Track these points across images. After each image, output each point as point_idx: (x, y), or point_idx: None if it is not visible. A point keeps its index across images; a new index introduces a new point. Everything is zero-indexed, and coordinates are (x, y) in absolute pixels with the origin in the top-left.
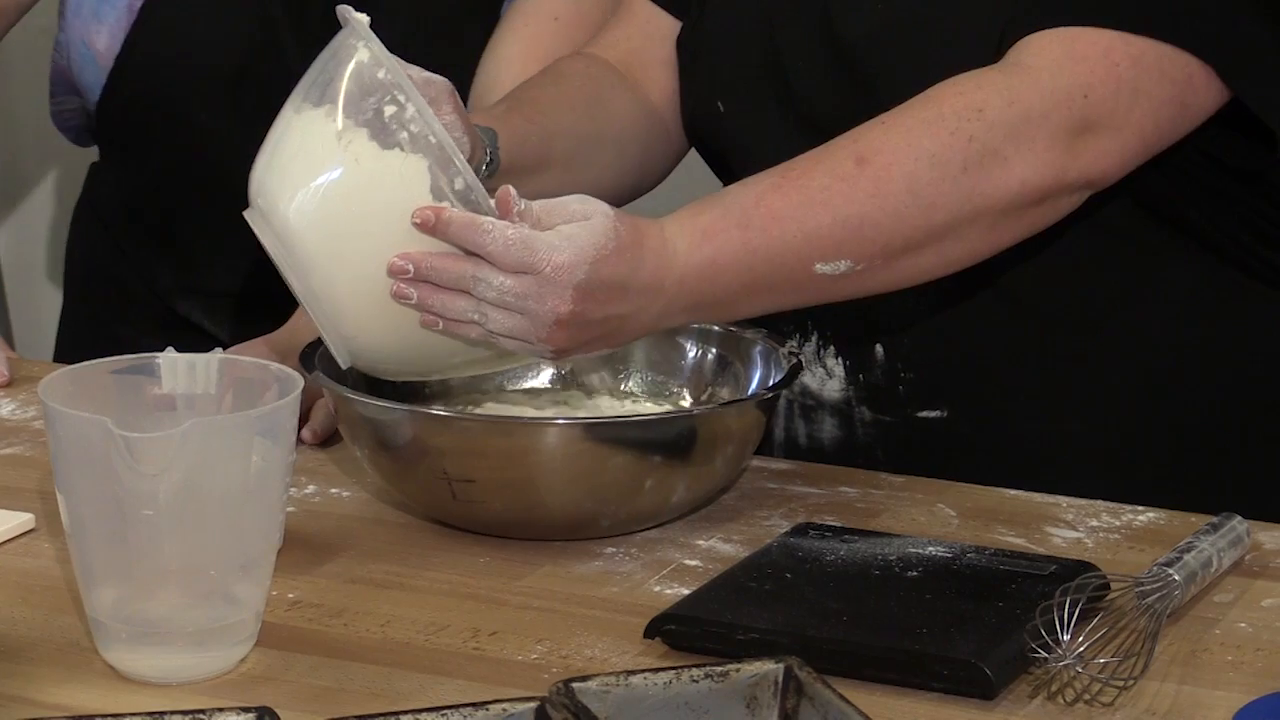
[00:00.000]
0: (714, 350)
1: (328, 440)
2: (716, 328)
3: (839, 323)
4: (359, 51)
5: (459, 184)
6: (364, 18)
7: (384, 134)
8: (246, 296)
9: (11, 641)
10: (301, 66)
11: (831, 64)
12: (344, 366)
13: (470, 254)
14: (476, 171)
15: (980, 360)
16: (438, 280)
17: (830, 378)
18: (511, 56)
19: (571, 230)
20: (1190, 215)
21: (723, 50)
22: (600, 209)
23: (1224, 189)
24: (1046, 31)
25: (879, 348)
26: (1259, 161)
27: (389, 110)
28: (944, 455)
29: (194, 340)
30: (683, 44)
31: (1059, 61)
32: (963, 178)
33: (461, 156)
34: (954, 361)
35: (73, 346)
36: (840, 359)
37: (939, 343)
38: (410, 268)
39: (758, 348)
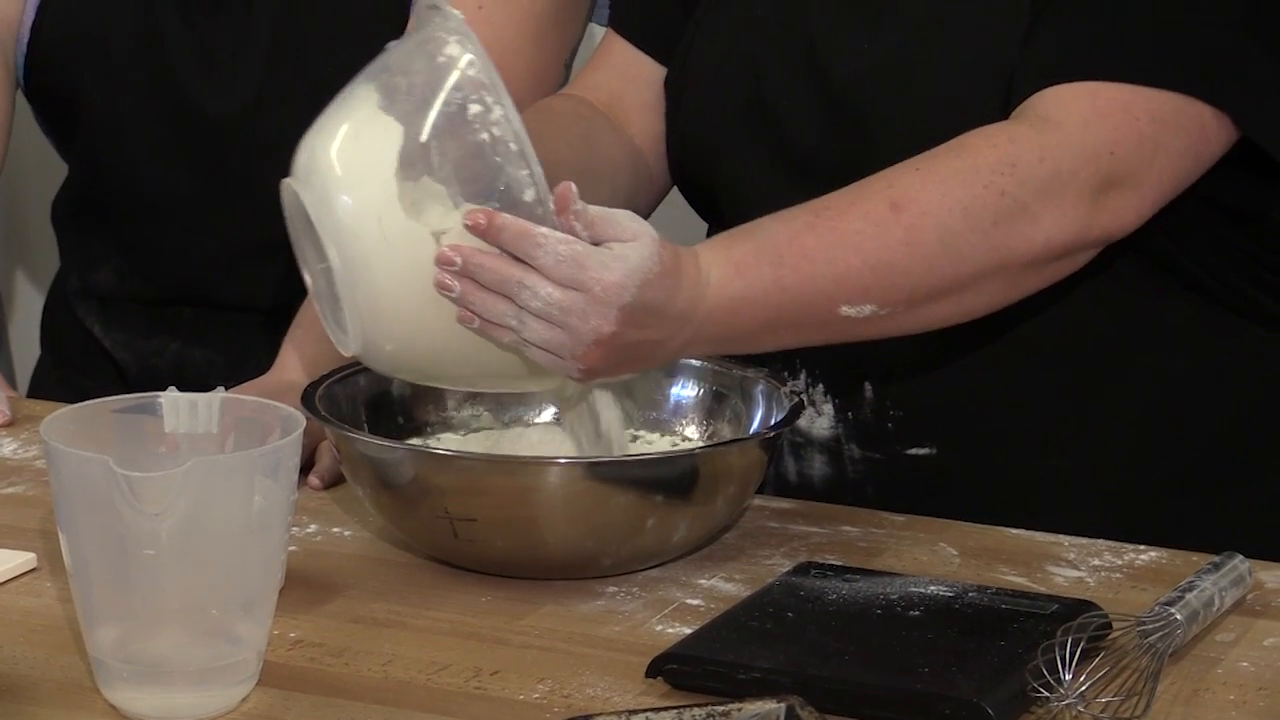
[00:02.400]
0: (715, 389)
1: (331, 482)
2: (717, 366)
3: (827, 360)
4: (449, 46)
5: (529, 195)
6: (458, 14)
7: (464, 129)
8: (148, 304)
9: (13, 681)
10: (188, 50)
11: (820, 104)
12: (346, 352)
13: (520, 259)
14: None
15: (969, 398)
16: (483, 279)
17: (819, 415)
18: None
19: (623, 250)
20: (1181, 257)
21: (709, 91)
22: (649, 231)
23: (1216, 231)
24: (1066, 86)
25: (867, 385)
26: (1262, 200)
27: (474, 109)
28: (935, 492)
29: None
30: (668, 85)
31: (1085, 118)
32: (993, 231)
33: (538, 165)
34: (943, 399)
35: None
36: (829, 396)
37: (927, 380)
38: (459, 261)
39: (759, 386)
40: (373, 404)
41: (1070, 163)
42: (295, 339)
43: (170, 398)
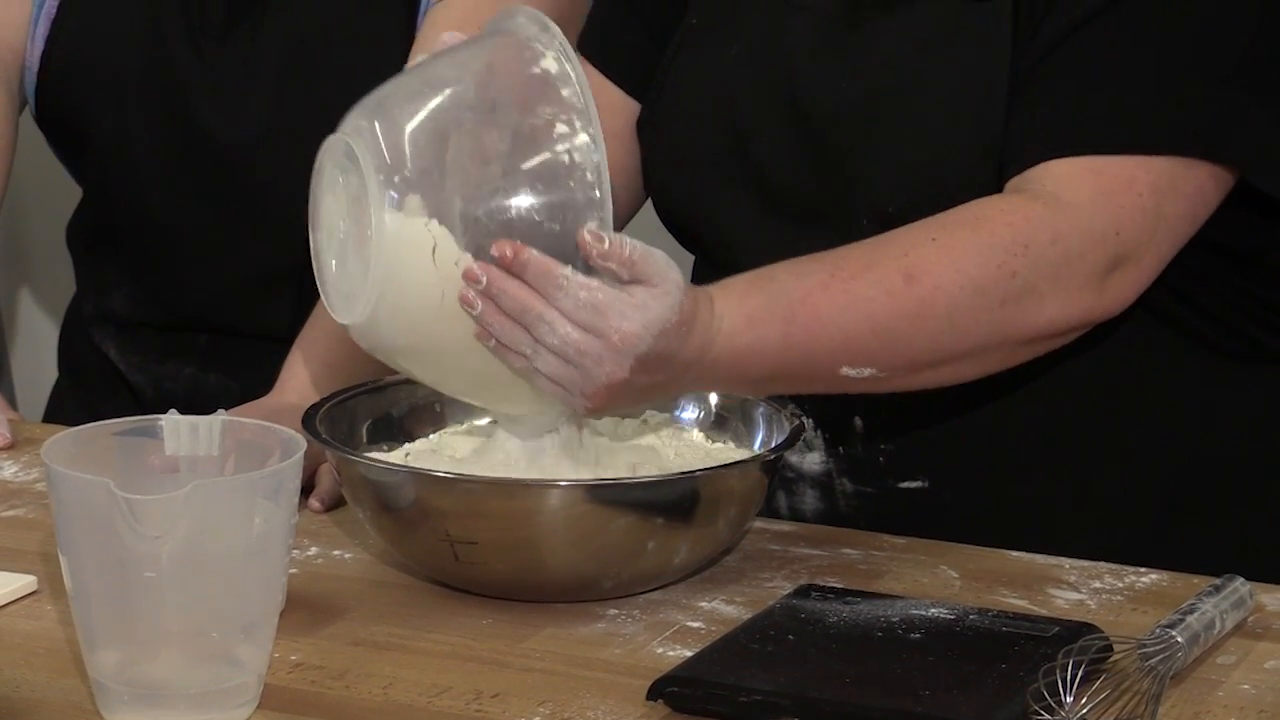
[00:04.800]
0: (715, 412)
1: (331, 505)
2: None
3: (817, 396)
4: (547, 60)
5: (591, 228)
6: (554, 26)
7: (545, 146)
8: (162, 329)
9: (14, 704)
10: (198, 79)
11: (798, 141)
12: (341, 319)
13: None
14: None
15: (960, 431)
16: (503, 305)
17: (810, 450)
18: None
19: (644, 299)
20: (1173, 297)
21: (686, 129)
22: (677, 279)
23: (1212, 271)
24: (1070, 160)
25: (858, 420)
26: (1261, 241)
27: (560, 129)
28: (927, 526)
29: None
30: (643, 124)
31: (1093, 198)
32: (999, 310)
33: (610, 202)
34: (934, 433)
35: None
36: (819, 431)
37: (918, 414)
38: (484, 281)
39: (760, 409)
40: (373, 427)
41: (1079, 246)
42: (295, 362)
43: (171, 420)
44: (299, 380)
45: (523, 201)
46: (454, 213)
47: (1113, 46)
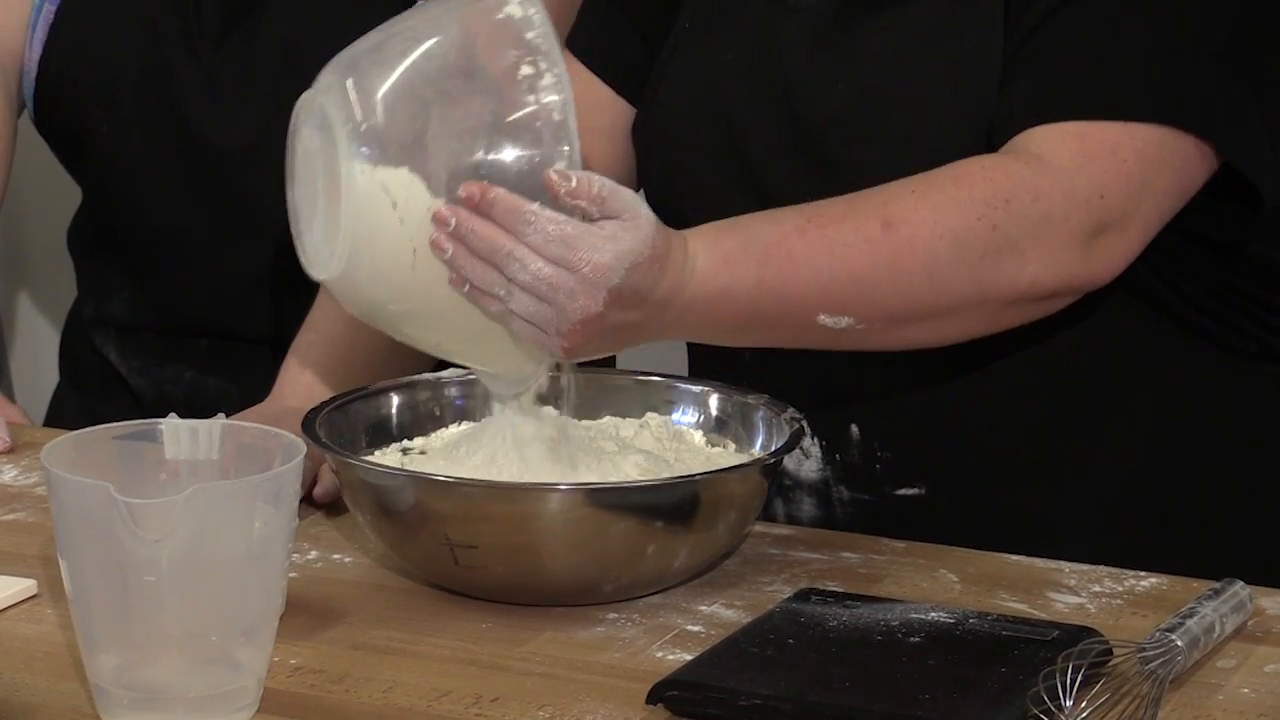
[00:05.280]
0: (715, 416)
1: (330, 507)
2: (719, 393)
3: (814, 402)
4: (511, 6)
5: (559, 167)
6: None
7: (512, 89)
8: (162, 332)
9: (14, 708)
10: (194, 84)
11: (794, 145)
12: (318, 275)
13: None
14: None
15: (957, 437)
16: (473, 246)
17: (807, 458)
18: None
19: (615, 231)
20: (1164, 290)
21: (680, 131)
22: (648, 214)
23: (1198, 263)
24: (1055, 125)
25: (854, 427)
26: (1241, 232)
27: (524, 70)
28: (925, 532)
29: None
30: (639, 128)
31: (1077, 160)
32: (979, 264)
33: (577, 141)
34: (930, 439)
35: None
36: (816, 439)
37: (914, 421)
38: (452, 222)
39: (759, 413)
40: (372, 430)
41: (1062, 206)
42: (292, 367)
43: (171, 425)
44: (297, 384)
45: (491, 144)
46: (423, 162)
47: (1101, 21)
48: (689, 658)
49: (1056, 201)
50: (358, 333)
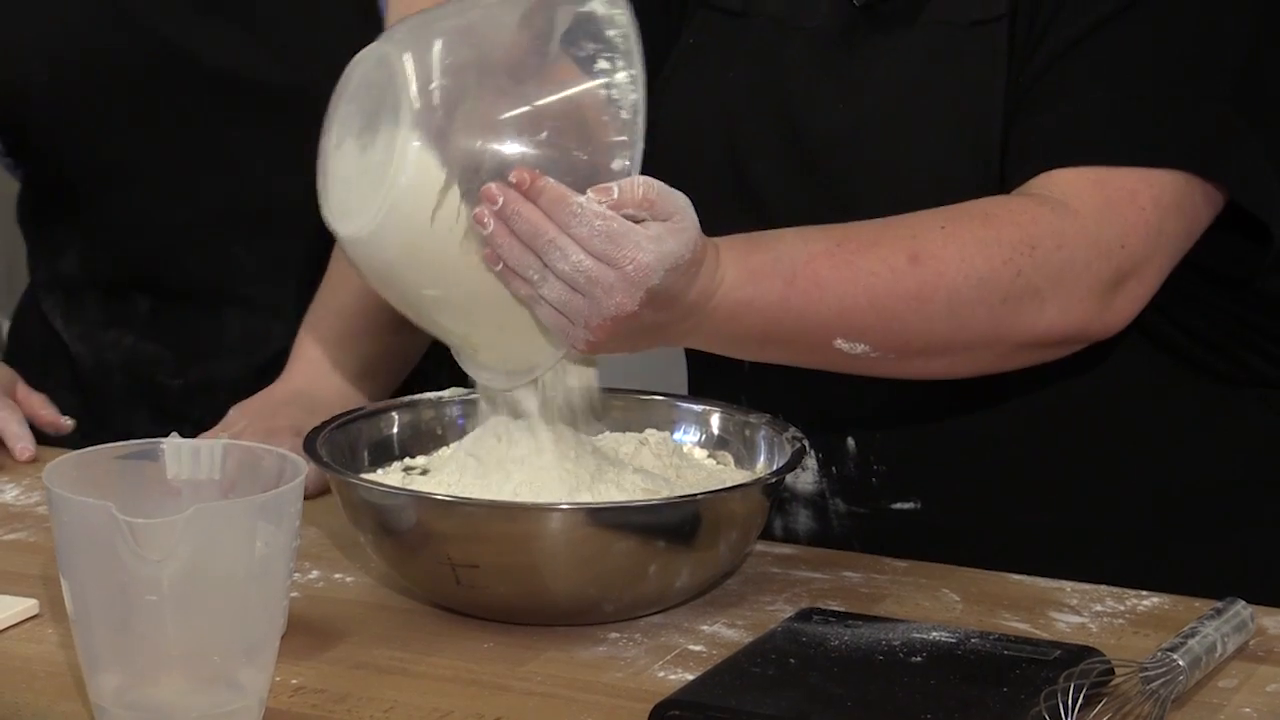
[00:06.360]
0: (717, 434)
1: (331, 526)
2: (720, 412)
3: (811, 416)
4: (594, 2)
5: (617, 164)
6: None
7: (579, 79)
8: (107, 291)
9: None
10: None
11: (793, 164)
12: (344, 230)
13: None
14: None
15: (953, 453)
16: (516, 228)
17: (803, 470)
18: None
19: (660, 232)
20: (1165, 321)
21: (683, 150)
22: (693, 221)
23: (1203, 295)
24: (1075, 170)
25: (850, 440)
26: (1248, 266)
27: (601, 64)
28: (921, 547)
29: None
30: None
31: (1099, 208)
32: (999, 307)
33: (641, 141)
34: (926, 454)
35: None
36: (813, 452)
37: (910, 435)
38: (500, 201)
39: (761, 432)
40: (374, 449)
41: (1085, 255)
42: (304, 343)
43: (173, 444)
44: (307, 362)
45: (552, 133)
46: (479, 141)
47: (1112, 61)
48: (691, 677)
49: (1079, 250)
50: (367, 302)
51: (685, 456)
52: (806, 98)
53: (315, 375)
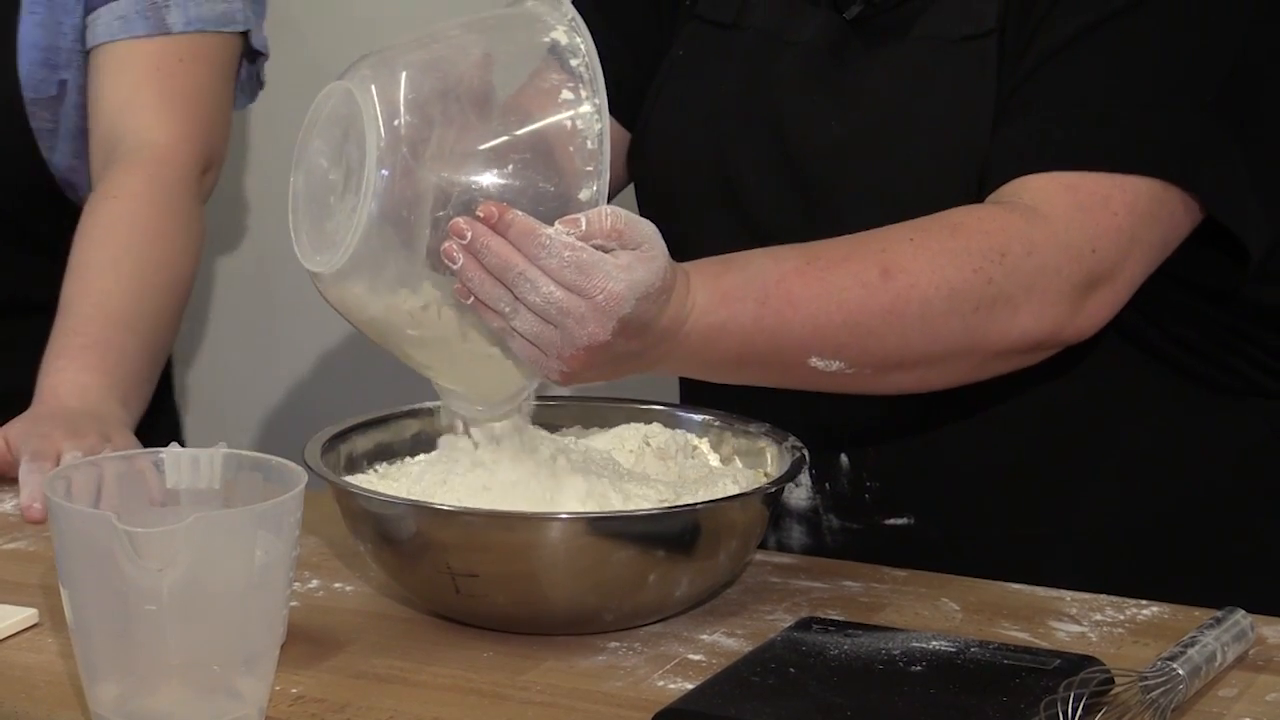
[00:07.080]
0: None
1: (331, 535)
2: (719, 422)
3: (803, 432)
4: (557, 32)
5: (584, 195)
6: (566, 2)
7: (543, 111)
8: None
9: None
10: None
11: (784, 180)
12: (314, 267)
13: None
14: None
15: (945, 468)
16: (485, 262)
17: (797, 486)
18: None
19: (630, 261)
20: (1152, 331)
21: (673, 162)
22: (662, 249)
23: (1189, 306)
24: (1047, 175)
25: (843, 457)
26: (1231, 280)
27: (565, 95)
28: (914, 562)
29: None
30: (632, 156)
31: (1070, 213)
32: (972, 316)
33: (607, 172)
34: (919, 469)
35: None
36: (806, 468)
37: (903, 451)
38: (469, 235)
39: (760, 441)
40: (373, 458)
41: (1055, 259)
42: (58, 363)
43: (172, 453)
44: (67, 379)
45: (518, 166)
46: (446, 176)
47: (1092, 70)
48: (690, 687)
49: (1049, 255)
50: (136, 307)
51: (695, 459)
52: (795, 111)
53: (84, 391)
